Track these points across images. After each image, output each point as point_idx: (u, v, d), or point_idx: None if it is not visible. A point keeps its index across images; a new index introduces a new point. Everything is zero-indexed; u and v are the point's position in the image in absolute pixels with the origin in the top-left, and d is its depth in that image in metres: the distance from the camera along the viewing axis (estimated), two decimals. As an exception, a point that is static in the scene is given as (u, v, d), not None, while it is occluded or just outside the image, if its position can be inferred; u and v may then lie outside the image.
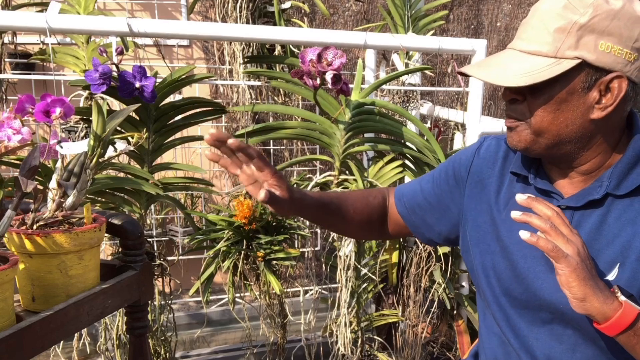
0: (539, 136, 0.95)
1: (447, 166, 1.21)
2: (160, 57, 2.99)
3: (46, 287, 0.96)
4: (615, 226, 0.95)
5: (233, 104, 2.54)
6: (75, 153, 1.06)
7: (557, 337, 1.01)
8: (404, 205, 1.24)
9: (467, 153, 1.18)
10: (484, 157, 1.14)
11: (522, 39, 0.95)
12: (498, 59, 0.96)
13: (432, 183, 1.21)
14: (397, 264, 2.16)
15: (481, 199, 1.11)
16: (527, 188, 1.06)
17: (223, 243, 1.87)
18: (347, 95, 1.70)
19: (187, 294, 3.10)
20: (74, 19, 1.69)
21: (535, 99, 0.94)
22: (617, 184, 0.96)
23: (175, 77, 1.74)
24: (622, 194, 0.96)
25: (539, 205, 0.89)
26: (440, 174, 1.21)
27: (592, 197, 0.97)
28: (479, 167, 1.13)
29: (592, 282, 0.85)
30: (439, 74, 3.39)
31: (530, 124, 0.95)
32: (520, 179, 1.07)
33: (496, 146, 1.14)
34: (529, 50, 0.93)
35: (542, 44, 0.91)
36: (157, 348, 1.94)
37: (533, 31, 0.93)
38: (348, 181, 1.87)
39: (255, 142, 1.85)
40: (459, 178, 1.16)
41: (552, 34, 0.90)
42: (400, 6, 2.61)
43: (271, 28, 1.86)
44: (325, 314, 2.15)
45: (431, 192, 1.21)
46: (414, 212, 1.22)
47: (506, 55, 0.96)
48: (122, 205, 1.74)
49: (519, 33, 0.97)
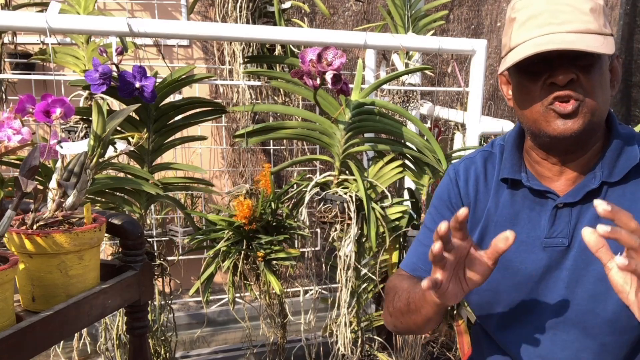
0: (593, 116, 0.94)
1: (439, 208, 1.16)
2: (160, 57, 2.99)
3: (46, 287, 0.96)
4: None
5: (233, 104, 2.53)
6: (75, 153, 1.06)
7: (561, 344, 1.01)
8: (426, 272, 1.12)
9: (448, 187, 1.15)
10: (465, 182, 1.12)
11: (561, 23, 0.92)
12: (558, 38, 0.91)
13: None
14: (397, 264, 2.16)
15: (475, 224, 1.10)
16: (515, 192, 1.06)
17: (223, 243, 1.87)
18: (347, 95, 1.70)
19: (187, 294, 3.09)
20: (74, 19, 1.69)
21: (591, 76, 0.93)
22: (609, 172, 0.98)
23: (175, 77, 1.74)
24: (615, 181, 0.98)
25: (622, 217, 0.77)
26: (440, 219, 1.10)
27: (590, 187, 0.98)
28: (466, 192, 1.12)
29: None
30: (439, 74, 3.39)
31: (586, 104, 0.93)
32: (509, 185, 1.07)
33: (465, 169, 1.13)
34: (576, 29, 0.91)
35: (585, 22, 0.91)
36: (157, 348, 1.94)
37: (567, 15, 0.91)
38: (348, 181, 1.87)
39: (255, 142, 1.85)
40: (458, 207, 1.12)
41: (588, 14, 0.91)
42: (400, 6, 2.61)
43: (271, 28, 1.86)
44: (325, 314, 2.15)
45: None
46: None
47: (559, 37, 0.91)
48: (122, 205, 1.74)
49: (546, 20, 0.92)
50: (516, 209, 1.06)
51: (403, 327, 1.10)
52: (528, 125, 1.00)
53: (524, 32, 0.94)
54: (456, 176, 1.14)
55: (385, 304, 1.16)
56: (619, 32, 3.97)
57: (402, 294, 1.07)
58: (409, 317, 1.05)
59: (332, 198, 1.81)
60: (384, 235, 1.89)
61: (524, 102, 0.99)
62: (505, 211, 1.06)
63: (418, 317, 1.02)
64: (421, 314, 1.00)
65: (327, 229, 1.88)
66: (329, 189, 1.87)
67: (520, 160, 1.07)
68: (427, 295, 0.95)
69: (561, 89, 0.93)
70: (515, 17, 0.97)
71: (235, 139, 1.89)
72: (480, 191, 1.10)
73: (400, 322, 1.08)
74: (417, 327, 1.07)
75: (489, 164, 1.11)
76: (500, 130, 2.17)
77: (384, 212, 1.90)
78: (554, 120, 0.94)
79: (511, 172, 1.06)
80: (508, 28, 0.99)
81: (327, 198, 1.83)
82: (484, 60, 1.99)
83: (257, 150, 3.43)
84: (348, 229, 1.81)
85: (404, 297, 1.05)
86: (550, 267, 0.99)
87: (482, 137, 2.20)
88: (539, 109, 0.96)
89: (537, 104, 0.96)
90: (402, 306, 1.06)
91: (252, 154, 3.40)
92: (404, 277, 1.15)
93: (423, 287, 0.86)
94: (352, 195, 1.80)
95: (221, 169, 3.39)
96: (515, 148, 1.08)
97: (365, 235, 1.85)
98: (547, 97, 0.94)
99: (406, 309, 1.04)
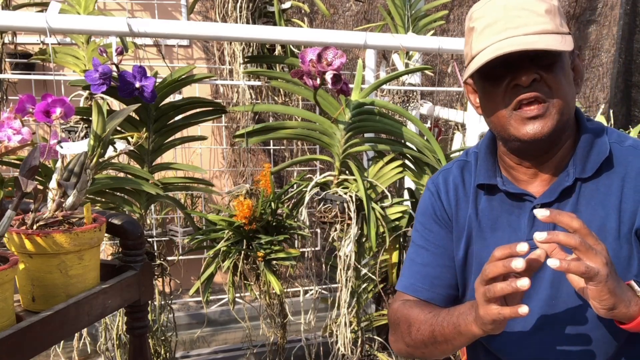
0: (562, 115, 0.95)
1: (426, 223, 1.14)
2: (160, 57, 2.99)
3: (46, 287, 0.96)
4: (587, 212, 0.98)
5: (233, 104, 2.53)
6: (75, 153, 1.06)
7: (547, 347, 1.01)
8: (427, 291, 1.11)
9: (431, 201, 1.14)
10: (445, 193, 1.12)
11: (517, 27, 0.92)
12: (517, 40, 0.91)
13: (432, 249, 1.13)
14: (397, 264, 2.16)
15: (459, 233, 1.10)
16: (492, 198, 1.07)
17: (223, 243, 1.87)
18: (347, 95, 1.70)
19: (187, 294, 3.10)
20: (74, 19, 1.69)
21: (554, 75, 0.94)
22: (582, 167, 1.00)
23: (175, 77, 1.74)
24: (588, 177, 0.99)
25: (563, 219, 0.83)
26: (429, 234, 1.14)
27: (564, 185, 1.00)
28: (448, 204, 1.12)
29: (619, 289, 0.84)
30: (439, 74, 3.39)
31: (554, 104, 0.94)
32: (485, 191, 1.07)
33: (444, 181, 1.14)
34: (533, 31, 0.92)
35: (541, 23, 0.92)
36: (157, 348, 1.94)
37: (523, 19, 0.93)
38: (348, 181, 1.87)
39: (255, 142, 1.85)
40: (445, 221, 1.13)
41: (544, 15, 0.92)
42: (400, 6, 2.61)
43: (271, 28, 1.86)
44: (325, 314, 2.15)
45: (437, 253, 1.12)
46: (440, 286, 1.12)
47: (517, 39, 0.91)
48: (122, 205, 1.74)
49: (503, 26, 0.93)
50: (495, 214, 1.06)
51: (426, 356, 1.06)
52: (497, 132, 1.01)
53: (483, 39, 0.95)
54: (437, 189, 1.14)
55: (395, 334, 1.11)
56: (619, 32, 3.97)
57: (421, 325, 1.03)
58: (435, 348, 1.02)
59: (332, 198, 1.81)
60: (384, 235, 1.89)
61: (490, 108, 0.99)
62: (485, 217, 1.07)
63: (448, 346, 0.99)
64: (452, 344, 0.98)
65: (327, 229, 1.88)
66: (329, 189, 1.87)
67: (495, 166, 1.08)
68: (464, 327, 0.93)
69: (526, 90, 0.93)
70: (474, 27, 0.98)
71: (236, 139, 1.89)
72: (461, 200, 1.11)
73: (423, 352, 1.05)
74: (443, 354, 1.04)
75: (465, 172, 1.12)
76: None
77: (384, 212, 1.90)
78: (522, 125, 0.94)
79: (486, 177, 1.06)
80: (468, 37, 1.00)
81: (327, 198, 1.83)
82: (484, 60, 1.98)
83: (257, 150, 3.43)
84: (348, 229, 1.81)
85: (426, 329, 1.02)
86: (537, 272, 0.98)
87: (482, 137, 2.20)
88: (505, 113, 0.96)
89: (503, 109, 0.96)
90: (425, 338, 1.02)
91: (252, 154, 3.40)
92: (412, 304, 1.10)
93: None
94: (352, 195, 1.80)
95: (221, 169, 3.39)
96: (489, 154, 1.09)
97: (365, 235, 1.85)
98: (512, 101, 0.94)
99: (431, 341, 1.01)
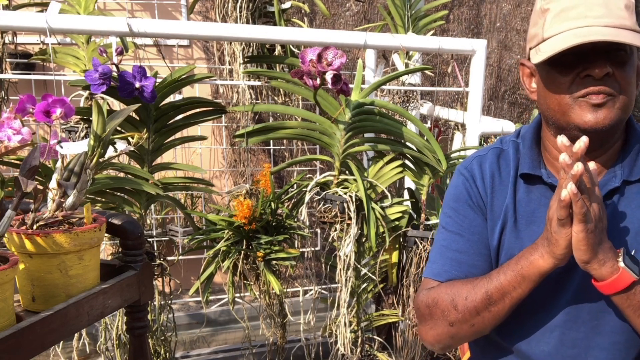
0: (623, 112, 0.94)
1: (460, 209, 1.10)
2: (160, 57, 2.99)
3: (46, 287, 0.96)
4: (627, 213, 0.98)
5: (233, 104, 2.53)
6: (75, 153, 1.06)
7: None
8: (461, 279, 1.07)
9: (466, 187, 1.11)
10: (482, 179, 1.10)
11: (598, 17, 0.90)
12: (600, 30, 0.90)
13: (467, 235, 1.09)
14: (397, 264, 2.16)
15: (494, 222, 1.08)
16: (531, 190, 1.05)
17: (223, 243, 1.87)
18: (347, 95, 1.70)
19: (187, 294, 3.09)
20: (74, 19, 1.69)
21: (625, 72, 0.93)
22: (629, 170, 0.99)
23: (175, 77, 1.74)
24: (634, 180, 0.99)
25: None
26: (463, 220, 1.10)
27: (611, 186, 0.99)
28: (484, 189, 1.09)
29: (599, 247, 0.89)
30: (439, 74, 3.39)
31: (618, 99, 0.93)
32: (525, 181, 1.05)
33: (479, 167, 1.10)
34: (614, 24, 0.90)
35: (621, 18, 0.90)
36: (157, 348, 1.94)
37: (604, 9, 0.91)
38: (348, 181, 1.87)
39: (255, 142, 1.85)
40: (481, 207, 1.10)
41: (623, 9, 0.91)
42: (400, 6, 2.61)
43: (271, 28, 1.86)
44: (325, 314, 2.15)
45: (473, 240, 1.09)
46: (475, 275, 1.06)
47: (599, 30, 0.90)
48: (122, 205, 1.74)
49: (583, 13, 0.91)
50: (532, 207, 1.04)
51: (475, 329, 1.02)
52: (555, 118, 0.98)
53: (559, 22, 0.92)
54: (472, 175, 1.10)
55: (430, 321, 1.05)
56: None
57: (469, 292, 0.99)
58: (487, 313, 0.98)
59: (332, 198, 1.81)
60: (383, 235, 1.89)
61: (551, 94, 0.97)
62: (522, 209, 1.05)
63: (504, 304, 0.97)
64: (510, 298, 0.96)
65: (327, 229, 1.88)
66: (329, 189, 1.87)
67: (539, 157, 1.05)
68: (527, 268, 0.93)
69: (596, 83, 0.91)
70: (548, 8, 0.95)
71: (236, 139, 1.89)
72: (497, 187, 1.08)
73: (472, 324, 1.00)
74: (493, 322, 1.00)
75: (502, 160, 1.09)
76: (500, 130, 2.17)
77: (384, 212, 1.90)
78: (585, 112, 0.93)
79: (531, 167, 1.04)
80: (539, 18, 0.97)
81: (327, 198, 1.83)
82: (484, 60, 1.99)
83: (257, 150, 3.43)
84: (348, 229, 1.81)
85: (477, 292, 0.98)
86: (568, 265, 0.95)
87: (482, 137, 2.20)
88: (568, 100, 0.94)
89: (566, 95, 0.94)
90: (477, 303, 0.98)
91: (252, 154, 3.40)
92: (448, 285, 1.05)
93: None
94: (352, 195, 1.80)
95: (221, 169, 3.39)
96: (534, 144, 1.06)
97: (365, 235, 1.85)
98: (579, 90, 0.93)
99: (485, 304, 0.97)
